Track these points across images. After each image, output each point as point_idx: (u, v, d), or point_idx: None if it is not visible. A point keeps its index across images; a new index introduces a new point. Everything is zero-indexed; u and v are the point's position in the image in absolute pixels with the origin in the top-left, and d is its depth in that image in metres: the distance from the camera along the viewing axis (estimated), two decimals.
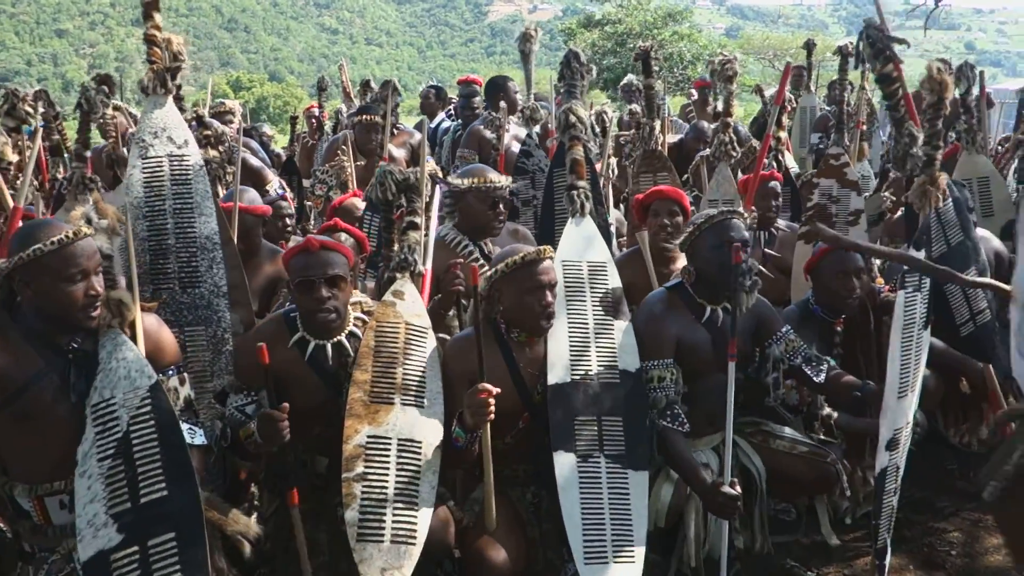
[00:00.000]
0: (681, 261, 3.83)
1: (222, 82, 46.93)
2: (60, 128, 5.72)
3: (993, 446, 4.10)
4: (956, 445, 4.42)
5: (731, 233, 3.36)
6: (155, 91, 3.44)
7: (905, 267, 3.23)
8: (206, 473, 2.93)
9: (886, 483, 3.21)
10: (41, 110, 4.53)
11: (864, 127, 6.10)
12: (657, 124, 5.70)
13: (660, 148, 5.76)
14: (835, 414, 3.84)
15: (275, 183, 5.97)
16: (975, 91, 5.45)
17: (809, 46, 8.55)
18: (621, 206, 5.93)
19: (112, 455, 2.56)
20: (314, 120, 8.73)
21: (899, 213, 4.95)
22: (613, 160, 5.58)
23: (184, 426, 2.71)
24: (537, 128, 5.53)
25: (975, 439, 4.46)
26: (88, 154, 3.29)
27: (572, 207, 3.63)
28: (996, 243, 4.56)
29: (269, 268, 4.16)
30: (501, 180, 3.97)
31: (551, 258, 3.24)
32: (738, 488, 3.08)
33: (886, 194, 5.59)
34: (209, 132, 4.80)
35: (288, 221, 4.90)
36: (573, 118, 3.75)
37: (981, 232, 4.50)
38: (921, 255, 3.25)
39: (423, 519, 2.85)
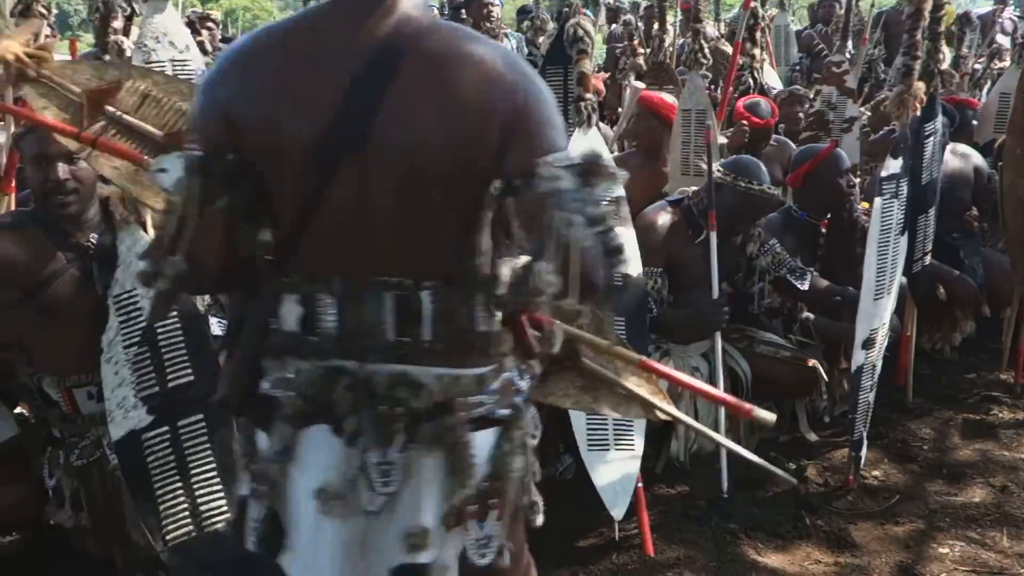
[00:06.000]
0: None
1: None
2: None
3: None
4: (929, 351, 4.63)
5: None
6: None
7: (881, 174, 3.35)
8: None
9: (862, 380, 3.40)
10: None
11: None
12: (667, 36, 5.68)
13: (668, 61, 5.66)
14: (812, 317, 4.00)
15: None
16: None
17: None
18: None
19: (138, 343, 2.62)
20: None
21: (882, 132, 5.05)
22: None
23: (213, 320, 2.80)
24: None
25: (948, 346, 4.68)
26: (107, 58, 3.26)
27: (580, 117, 3.70)
28: (976, 159, 4.71)
29: None
30: None
31: None
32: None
33: (863, 108, 5.67)
34: (202, 38, 4.79)
35: None
36: (580, 31, 3.80)
37: (964, 149, 4.67)
38: (898, 164, 3.37)
39: None
